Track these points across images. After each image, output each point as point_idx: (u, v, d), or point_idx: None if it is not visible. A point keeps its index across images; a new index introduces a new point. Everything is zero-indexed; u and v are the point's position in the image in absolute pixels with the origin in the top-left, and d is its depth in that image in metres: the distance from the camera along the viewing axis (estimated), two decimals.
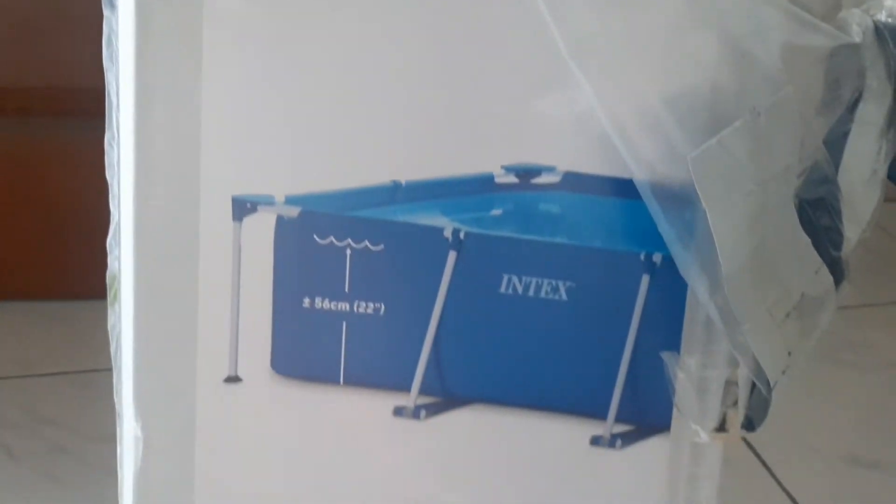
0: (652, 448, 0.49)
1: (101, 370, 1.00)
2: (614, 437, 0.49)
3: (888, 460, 0.98)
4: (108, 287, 0.54)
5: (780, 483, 0.95)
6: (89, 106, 0.95)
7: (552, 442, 0.49)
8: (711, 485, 0.50)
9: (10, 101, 1.07)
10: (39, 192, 1.09)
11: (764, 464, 0.96)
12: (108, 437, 0.93)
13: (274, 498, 0.48)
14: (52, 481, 0.86)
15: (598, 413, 0.48)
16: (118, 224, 0.50)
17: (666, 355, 0.48)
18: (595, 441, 0.49)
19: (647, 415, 0.49)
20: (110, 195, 0.52)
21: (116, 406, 0.53)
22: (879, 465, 0.97)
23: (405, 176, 0.45)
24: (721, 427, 0.47)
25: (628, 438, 0.49)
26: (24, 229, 1.10)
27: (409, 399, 0.48)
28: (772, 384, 0.43)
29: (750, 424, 0.45)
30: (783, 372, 0.43)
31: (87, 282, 1.08)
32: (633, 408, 0.48)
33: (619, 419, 0.49)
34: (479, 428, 0.48)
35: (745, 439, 0.98)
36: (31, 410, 0.98)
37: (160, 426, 0.46)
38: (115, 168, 0.50)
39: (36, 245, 1.11)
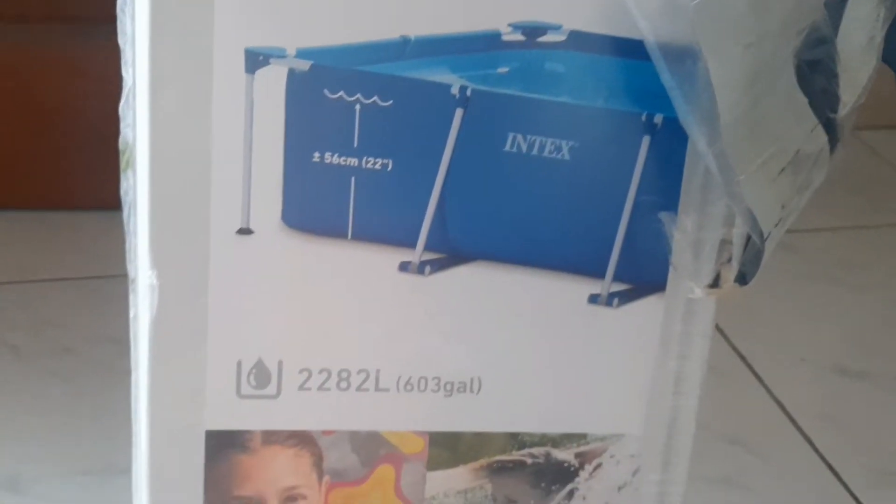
0: (647, 307, 0.51)
1: (104, 277, 1.05)
2: (611, 295, 0.51)
3: (875, 371, 1.00)
4: (120, 153, 0.55)
5: (769, 391, 0.97)
6: (91, 12, 0.96)
7: (551, 300, 0.50)
8: (703, 343, 0.51)
9: (8, 8, 1.07)
10: (42, 101, 1.10)
11: (754, 373, 0.99)
12: (113, 339, 0.97)
13: (281, 346, 0.49)
14: (60, 379, 0.89)
15: (597, 272, 0.50)
16: (131, 89, 0.52)
17: (664, 216, 0.49)
18: (592, 299, 0.51)
19: (644, 274, 0.50)
20: (122, 62, 0.53)
21: (130, 273, 0.54)
22: (867, 376, 1.00)
23: (414, 31, 0.46)
24: (715, 283, 0.49)
25: (625, 297, 0.51)
26: (27, 139, 1.10)
27: (415, 255, 0.49)
28: (765, 235, 0.44)
29: (743, 279, 0.46)
30: (776, 224, 0.44)
31: (92, 192, 1.10)
32: (631, 267, 0.50)
33: (616, 278, 0.50)
34: (481, 285, 0.49)
35: (736, 350, 1.03)
36: (35, 313, 1.00)
37: (175, 275, 0.47)
38: (128, 33, 0.51)
39: (38, 155, 1.11)
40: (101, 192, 1.10)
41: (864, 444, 0.91)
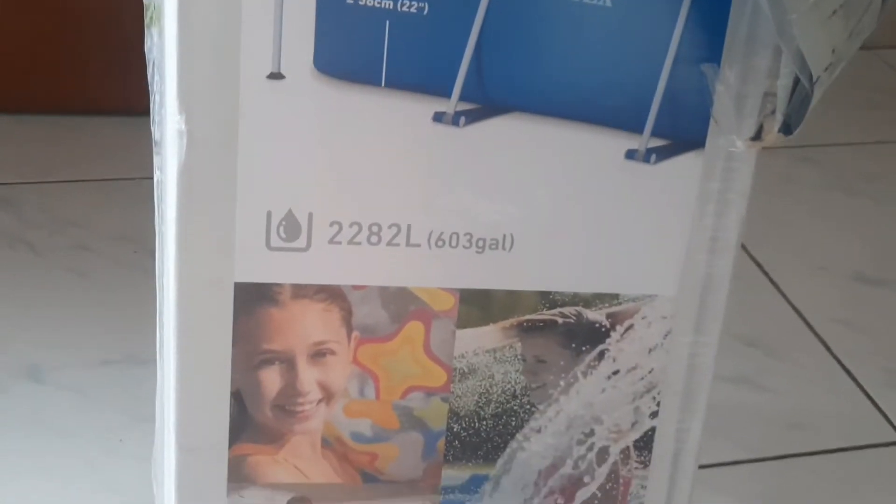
0: (685, 163, 0.50)
1: (124, 179, 1.04)
2: (649, 151, 0.50)
3: (894, 279, 1.01)
4: (145, 9, 0.54)
5: (786, 297, 0.97)
6: None
7: (587, 154, 0.49)
8: (741, 202, 0.50)
9: None
10: (65, 3, 1.08)
11: (771, 280, 0.98)
12: (132, 238, 0.97)
13: (311, 197, 0.48)
14: (77, 275, 0.89)
15: (635, 127, 0.49)
16: None
17: (706, 68, 0.48)
18: (630, 155, 0.50)
19: (683, 129, 0.49)
20: None
21: (155, 136, 0.53)
22: (885, 283, 0.99)
23: None
24: (757, 136, 0.48)
25: (663, 153, 0.50)
26: (50, 43, 1.09)
27: (450, 104, 0.48)
28: (814, 78, 0.43)
29: (788, 128, 0.45)
30: (825, 68, 0.43)
31: (115, 97, 1.09)
32: (670, 122, 0.49)
33: (654, 133, 0.49)
34: (516, 137, 0.48)
35: (753, 258, 1.03)
36: (52, 212, 1.00)
37: (203, 120, 0.46)
38: None
39: (61, 59, 1.10)
40: (124, 98, 1.09)
41: (880, 347, 0.91)
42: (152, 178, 0.54)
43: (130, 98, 0.99)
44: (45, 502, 0.70)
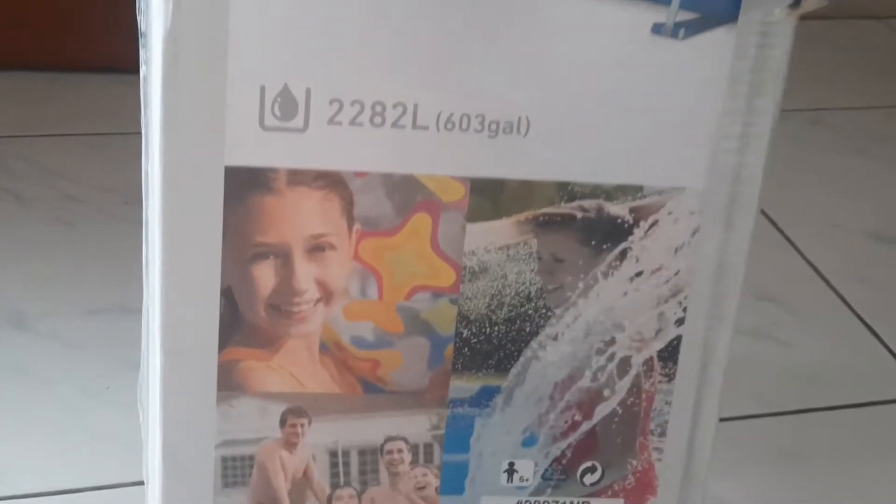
0: (716, 39, 0.45)
1: (112, 134, 1.01)
2: (678, 25, 0.46)
3: None
4: None
5: (802, 254, 0.94)
6: None
7: (610, 28, 0.45)
8: (776, 84, 0.46)
9: None
10: None
11: (786, 237, 0.96)
12: (119, 190, 0.94)
13: (309, 71, 0.44)
14: (65, 225, 0.87)
15: None
16: None
17: None
18: (656, 29, 0.45)
19: (713, 1, 0.46)
20: None
21: (141, 27, 0.50)
22: None
23: None
24: (796, 3, 0.44)
25: (692, 28, 0.46)
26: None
27: None
28: None
29: None
30: None
31: (103, 53, 1.06)
32: None
33: (683, 5, 0.45)
34: (533, 8, 0.44)
35: (767, 216, 1.00)
36: (39, 164, 0.98)
37: None
38: None
39: (49, 14, 1.08)
40: (112, 54, 1.07)
41: None
42: (141, 134, 0.50)
43: (119, 55, 0.97)
44: (30, 451, 0.67)
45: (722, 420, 0.54)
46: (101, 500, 0.65)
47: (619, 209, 0.49)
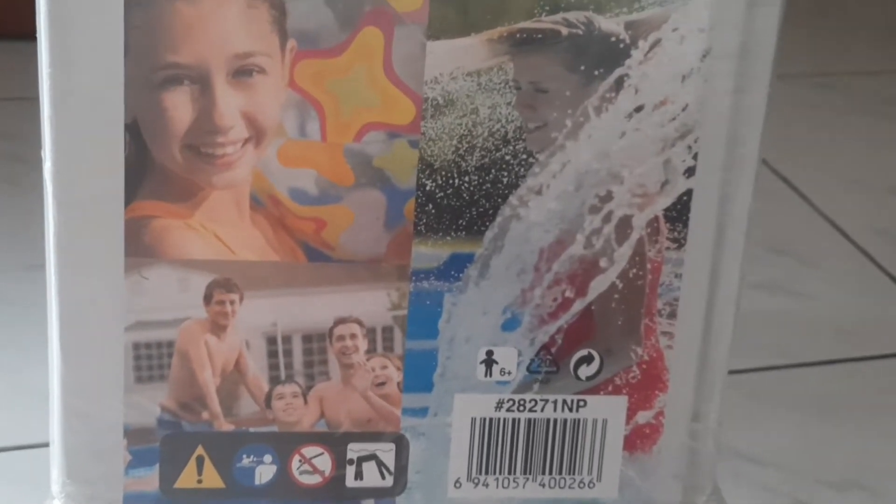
0: None
1: None
2: None
3: None
4: None
5: (818, 209, 0.88)
6: None
7: None
8: None
9: None
10: None
11: (800, 194, 0.89)
12: None
13: None
14: (11, 185, 0.84)
15: None
16: None
17: None
18: None
19: None
20: None
21: None
22: None
23: None
24: None
25: None
26: None
27: None
28: None
29: None
30: None
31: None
32: None
33: None
34: None
35: (777, 173, 0.94)
36: None
37: None
38: None
39: None
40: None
41: None
42: None
43: None
44: None
45: (740, 371, 0.47)
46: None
47: (612, 24, 0.40)
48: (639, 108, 0.41)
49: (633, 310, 0.43)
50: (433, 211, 0.42)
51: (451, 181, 0.41)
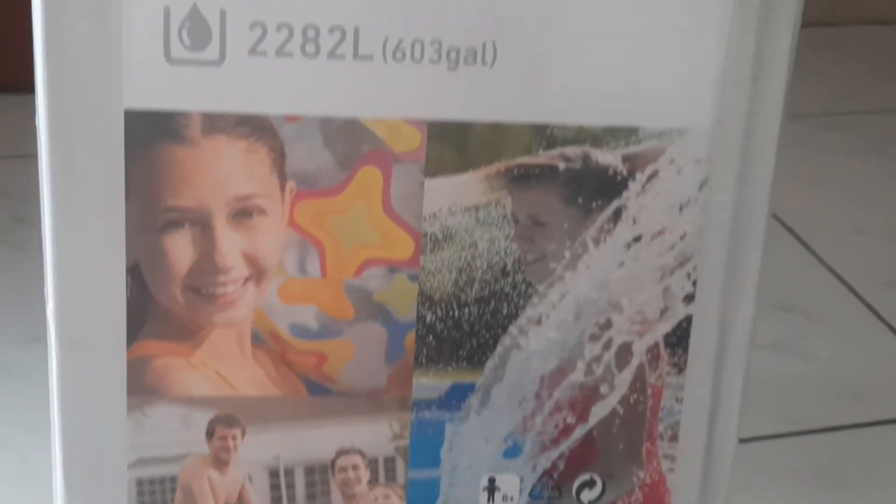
0: None
1: None
2: None
3: None
4: None
5: (822, 261, 0.87)
6: None
7: None
8: (794, 4, 0.39)
9: None
10: None
11: (804, 244, 0.89)
12: None
13: None
14: (16, 250, 0.83)
15: None
16: None
17: None
18: None
19: None
20: None
21: None
22: None
23: None
24: None
25: None
26: None
27: None
28: None
29: None
30: None
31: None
32: None
33: None
34: None
35: (782, 222, 0.94)
36: None
37: None
38: None
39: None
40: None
41: None
42: None
43: None
44: None
45: (747, 440, 0.47)
46: None
47: (609, 157, 0.40)
48: (637, 238, 0.42)
49: (635, 434, 0.43)
50: (434, 342, 0.42)
51: (451, 313, 0.42)
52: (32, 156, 0.98)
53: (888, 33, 1.35)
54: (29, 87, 0.42)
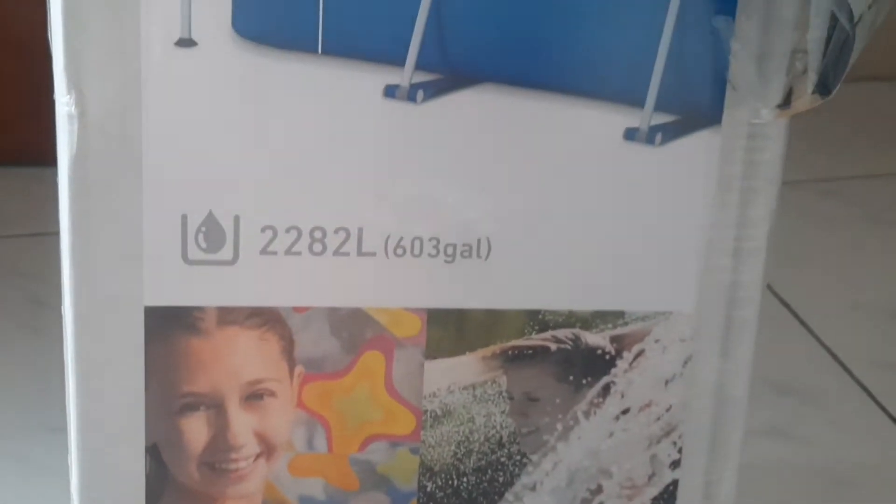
0: (698, 143, 0.40)
1: None
2: (653, 129, 0.40)
3: None
4: None
5: (818, 339, 0.88)
6: None
7: (577, 135, 0.39)
8: (770, 191, 0.40)
9: None
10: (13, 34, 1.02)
11: (800, 321, 0.90)
12: None
13: (237, 196, 0.39)
14: (32, 332, 0.81)
15: (634, 99, 0.39)
16: None
17: (719, 21, 0.40)
18: (629, 135, 0.40)
19: (694, 101, 0.39)
20: None
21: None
22: None
23: None
24: (786, 102, 0.39)
25: (670, 132, 0.41)
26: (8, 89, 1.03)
27: (404, 76, 0.39)
28: (855, 18, 0.35)
29: (825, 87, 0.36)
30: (869, 5, 0.35)
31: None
32: (677, 92, 0.39)
33: (659, 107, 0.39)
34: (487, 114, 0.39)
35: (778, 297, 0.95)
36: (8, 266, 0.93)
37: (98, 100, 0.37)
38: None
39: (14, 109, 1.05)
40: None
41: None
42: None
43: None
44: None
45: None
46: None
47: (598, 339, 0.43)
48: (625, 411, 0.44)
49: None
50: None
51: (450, 482, 0.44)
52: (49, 234, 0.99)
53: (885, 90, 1.35)
54: (45, 160, 0.44)
